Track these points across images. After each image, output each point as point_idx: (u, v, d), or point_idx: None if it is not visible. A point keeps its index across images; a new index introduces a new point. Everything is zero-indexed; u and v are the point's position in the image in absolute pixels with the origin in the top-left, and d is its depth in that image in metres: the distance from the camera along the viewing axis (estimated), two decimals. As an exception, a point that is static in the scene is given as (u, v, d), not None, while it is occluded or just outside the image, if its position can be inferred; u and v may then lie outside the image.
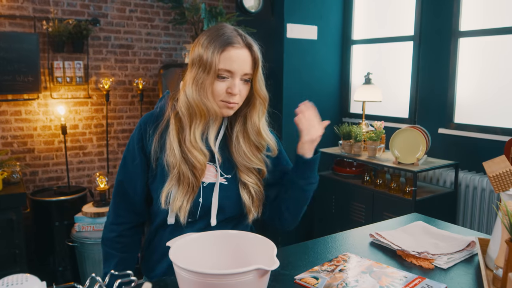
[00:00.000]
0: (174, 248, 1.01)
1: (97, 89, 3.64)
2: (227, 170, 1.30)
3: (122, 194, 1.31)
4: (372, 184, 3.21)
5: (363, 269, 1.21)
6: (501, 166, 1.25)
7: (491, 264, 1.21)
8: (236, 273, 0.88)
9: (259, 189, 1.32)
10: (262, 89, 1.28)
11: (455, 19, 3.15)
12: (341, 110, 4.09)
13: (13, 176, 2.97)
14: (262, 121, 1.32)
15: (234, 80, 1.21)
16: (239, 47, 1.20)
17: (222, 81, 1.21)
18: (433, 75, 3.32)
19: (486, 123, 3.04)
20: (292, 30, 3.69)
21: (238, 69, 1.20)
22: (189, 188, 1.21)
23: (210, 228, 1.27)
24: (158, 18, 3.85)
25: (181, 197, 1.21)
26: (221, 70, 1.19)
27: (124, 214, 1.32)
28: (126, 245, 1.33)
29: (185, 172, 1.21)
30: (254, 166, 1.30)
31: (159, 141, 1.25)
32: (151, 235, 1.34)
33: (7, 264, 2.73)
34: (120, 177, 1.31)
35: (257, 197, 1.32)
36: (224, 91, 1.21)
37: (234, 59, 1.19)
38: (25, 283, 0.76)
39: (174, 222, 1.26)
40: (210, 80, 1.20)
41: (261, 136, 1.31)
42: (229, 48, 1.19)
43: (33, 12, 3.33)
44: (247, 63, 1.22)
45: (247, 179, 1.29)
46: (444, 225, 1.61)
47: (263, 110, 1.31)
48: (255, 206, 1.31)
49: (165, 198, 1.22)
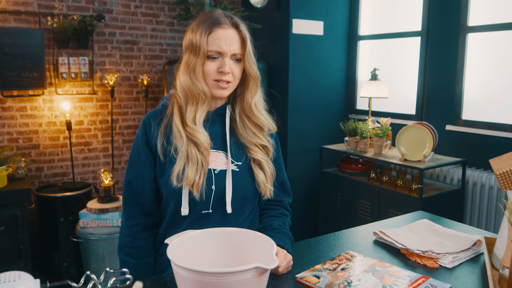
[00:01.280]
0: (172, 246, 0.99)
1: (102, 85, 3.63)
2: (237, 157, 1.31)
3: (131, 195, 1.31)
4: (378, 181, 3.18)
5: (365, 268, 1.19)
6: (508, 164, 1.22)
7: (498, 264, 1.18)
8: (234, 271, 0.86)
9: (270, 166, 1.34)
10: (252, 67, 1.30)
11: (463, 14, 3.10)
12: (347, 106, 4.06)
13: (18, 172, 2.98)
14: (255, 99, 1.33)
15: (224, 59, 1.24)
16: (226, 27, 1.24)
17: (213, 61, 1.24)
18: (441, 71, 3.28)
19: (494, 119, 2.99)
20: (298, 26, 3.66)
21: (227, 49, 1.23)
22: (198, 165, 1.22)
23: (225, 219, 1.27)
24: (163, 14, 3.84)
25: (192, 172, 1.21)
26: (210, 52, 1.23)
27: (135, 215, 1.31)
28: (141, 250, 1.31)
29: (192, 151, 1.23)
30: (261, 142, 1.33)
31: (164, 132, 1.27)
32: (161, 236, 1.33)
33: (11, 260, 2.74)
34: (128, 177, 1.32)
35: (270, 173, 1.33)
36: (215, 70, 1.24)
37: (221, 39, 1.23)
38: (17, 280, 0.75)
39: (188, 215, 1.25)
40: (200, 61, 1.24)
41: (255, 115, 1.33)
42: (216, 28, 1.23)
43: (38, 7, 3.33)
44: (235, 42, 1.25)
45: (259, 156, 1.31)
46: (450, 224, 1.58)
47: (255, 89, 1.33)
48: (270, 182, 1.33)
49: (177, 176, 1.22)
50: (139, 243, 1.31)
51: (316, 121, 3.86)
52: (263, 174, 1.31)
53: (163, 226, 1.32)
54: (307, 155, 3.78)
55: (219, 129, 1.32)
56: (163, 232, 1.32)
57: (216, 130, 1.32)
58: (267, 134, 1.36)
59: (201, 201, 1.24)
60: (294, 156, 3.70)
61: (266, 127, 1.36)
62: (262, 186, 1.30)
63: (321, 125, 3.89)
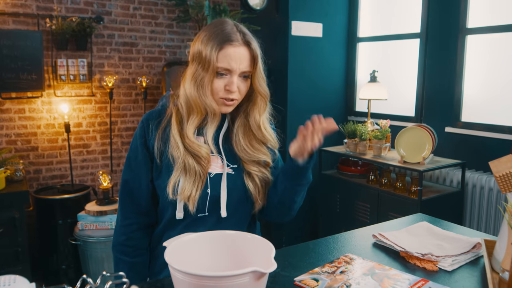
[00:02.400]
0: (170, 249, 0.99)
1: (101, 87, 3.63)
2: (233, 161, 1.30)
3: (127, 195, 1.30)
4: (377, 184, 3.17)
5: (365, 270, 1.18)
6: (508, 166, 1.21)
7: (497, 267, 1.17)
8: (231, 275, 0.86)
9: (263, 176, 1.32)
10: (262, 86, 1.27)
11: (462, 16, 3.10)
12: (346, 108, 4.06)
13: (17, 174, 2.97)
14: (263, 117, 1.32)
15: (232, 78, 1.21)
16: (238, 45, 1.20)
17: (221, 78, 1.21)
18: (440, 73, 3.28)
19: (493, 121, 2.99)
20: (297, 28, 3.66)
21: (236, 67, 1.20)
22: (196, 177, 1.21)
23: (222, 222, 1.26)
24: (162, 16, 3.83)
25: (189, 186, 1.20)
26: (219, 68, 1.20)
27: (131, 215, 1.31)
28: (136, 248, 1.31)
29: (190, 163, 1.21)
30: (255, 159, 1.30)
31: (162, 135, 1.26)
32: (157, 237, 1.32)
33: (10, 262, 2.73)
34: (125, 176, 1.31)
35: (262, 185, 1.31)
36: (223, 88, 1.22)
37: (232, 57, 1.19)
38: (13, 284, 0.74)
39: (183, 218, 1.24)
40: (208, 77, 1.20)
41: (262, 132, 1.31)
42: (227, 46, 1.19)
43: (36, 9, 3.32)
44: (246, 60, 1.22)
45: (251, 169, 1.30)
46: (450, 226, 1.58)
47: (264, 107, 1.31)
48: (261, 195, 1.31)
49: (173, 188, 1.21)
50: (134, 242, 1.31)
51: (315, 123, 3.85)
52: (253, 187, 1.30)
53: (160, 227, 1.31)
54: (306, 157, 3.76)
55: (215, 133, 1.31)
56: (159, 233, 1.32)
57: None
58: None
59: (197, 205, 1.23)
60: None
61: (269, 141, 1.34)
62: (253, 197, 1.30)
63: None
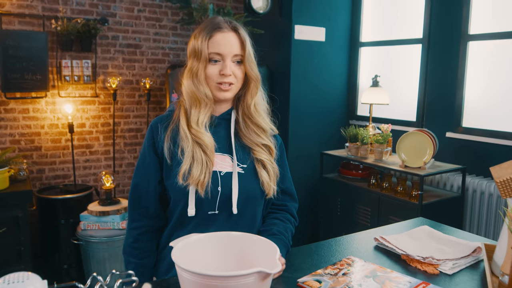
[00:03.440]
0: (177, 249, 1.01)
1: (105, 88, 3.65)
2: (243, 160, 1.33)
3: (136, 198, 1.34)
4: (378, 188, 3.19)
5: (366, 273, 1.20)
6: (509, 172, 1.23)
7: (497, 271, 1.19)
8: (237, 275, 0.87)
9: (274, 166, 1.37)
10: (253, 69, 1.33)
11: (464, 22, 3.12)
12: (348, 112, 4.08)
13: (20, 174, 2.99)
14: (254, 100, 1.36)
15: (225, 62, 1.28)
16: (226, 30, 1.29)
17: (214, 65, 1.28)
18: (442, 79, 3.30)
19: (494, 127, 3.01)
20: (300, 32, 3.68)
21: (227, 51, 1.27)
22: (203, 165, 1.25)
23: (231, 221, 1.29)
24: (166, 18, 3.86)
25: (198, 171, 1.24)
26: (211, 54, 1.27)
27: (138, 218, 1.34)
28: (143, 251, 1.34)
29: (197, 152, 1.26)
30: (263, 142, 1.36)
31: (171, 136, 1.30)
32: (166, 237, 1.35)
33: (12, 261, 2.74)
34: (135, 180, 1.35)
35: (274, 172, 1.36)
36: (217, 73, 1.28)
37: (221, 42, 1.27)
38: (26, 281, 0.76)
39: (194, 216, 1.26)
40: (202, 66, 1.28)
41: (254, 116, 1.35)
42: (216, 32, 1.28)
43: (42, 10, 3.35)
44: (235, 44, 1.29)
45: (262, 156, 1.34)
46: (450, 230, 1.59)
47: (255, 90, 1.36)
48: (273, 181, 1.35)
49: (183, 175, 1.25)
50: (141, 244, 1.34)
51: (317, 126, 3.88)
52: (266, 174, 1.33)
53: (169, 228, 1.34)
54: (308, 161, 3.79)
55: (224, 133, 1.35)
56: (168, 234, 1.34)
57: (221, 134, 1.34)
58: (270, 135, 1.39)
59: (207, 202, 1.26)
60: (294, 162, 3.71)
61: (268, 128, 1.39)
62: (266, 185, 1.33)
63: (322, 130, 3.90)
